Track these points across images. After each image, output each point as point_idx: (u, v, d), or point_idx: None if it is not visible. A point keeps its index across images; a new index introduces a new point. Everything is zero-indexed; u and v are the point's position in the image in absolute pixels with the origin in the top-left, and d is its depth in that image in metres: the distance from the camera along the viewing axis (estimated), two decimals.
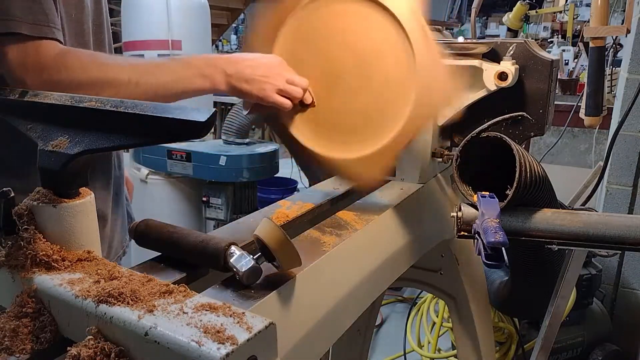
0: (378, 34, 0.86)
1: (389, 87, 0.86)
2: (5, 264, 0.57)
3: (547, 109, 0.97)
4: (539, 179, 0.85)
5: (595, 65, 1.73)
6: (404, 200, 0.97)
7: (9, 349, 0.51)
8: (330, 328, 0.74)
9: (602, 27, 1.67)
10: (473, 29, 1.80)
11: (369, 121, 0.88)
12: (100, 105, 0.55)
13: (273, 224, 0.59)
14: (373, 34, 0.87)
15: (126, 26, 2.93)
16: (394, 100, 0.86)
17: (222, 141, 2.97)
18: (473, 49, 0.96)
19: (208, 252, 0.61)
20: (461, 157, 0.90)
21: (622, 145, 2.20)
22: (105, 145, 0.55)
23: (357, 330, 1.49)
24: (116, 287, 0.50)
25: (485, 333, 1.43)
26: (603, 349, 2.18)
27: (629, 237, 0.83)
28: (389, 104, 0.86)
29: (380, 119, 0.87)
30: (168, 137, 0.53)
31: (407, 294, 3.14)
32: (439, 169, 1.15)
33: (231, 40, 9.22)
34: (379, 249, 0.88)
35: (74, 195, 0.59)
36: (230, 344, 0.43)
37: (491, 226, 0.74)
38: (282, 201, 0.93)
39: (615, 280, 2.37)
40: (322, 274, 0.71)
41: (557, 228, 0.85)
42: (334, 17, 0.90)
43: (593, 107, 1.74)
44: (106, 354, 0.46)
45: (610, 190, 2.28)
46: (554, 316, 1.12)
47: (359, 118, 0.89)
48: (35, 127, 0.60)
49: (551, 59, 0.96)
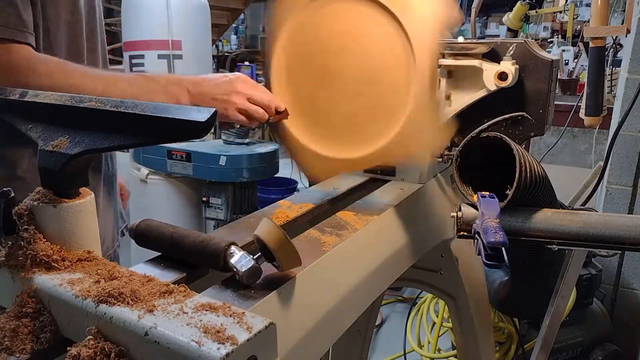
0: (378, 34, 0.86)
1: (389, 87, 0.86)
2: (5, 264, 0.57)
3: (547, 109, 0.96)
4: (539, 179, 0.85)
5: (595, 65, 1.73)
6: (404, 200, 0.97)
7: (9, 349, 0.51)
8: (330, 328, 0.74)
9: (602, 27, 1.67)
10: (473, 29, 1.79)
11: (369, 121, 0.88)
12: (100, 105, 0.55)
13: (273, 224, 0.59)
14: (373, 34, 0.87)
15: (126, 26, 2.92)
16: (393, 100, 0.86)
17: (222, 141, 2.97)
18: (473, 49, 0.96)
19: (208, 252, 0.61)
20: (461, 157, 0.90)
21: (622, 145, 2.20)
22: (105, 145, 0.55)
23: (357, 330, 1.49)
24: (116, 287, 0.50)
25: (485, 333, 1.43)
26: (603, 349, 2.18)
27: (629, 237, 0.83)
28: (389, 104, 0.86)
29: (380, 119, 0.87)
30: (168, 137, 0.53)
31: (407, 294, 3.14)
32: (439, 169, 1.15)
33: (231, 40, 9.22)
34: (379, 249, 0.88)
35: (74, 195, 0.59)
36: (230, 344, 0.43)
37: (491, 226, 0.74)
38: (282, 201, 0.93)
39: (615, 280, 2.37)
40: (322, 274, 0.71)
41: (557, 228, 0.85)
42: (335, 16, 0.90)
43: (593, 107, 1.74)
44: (106, 354, 0.46)
45: (610, 190, 2.28)
46: (554, 316, 1.12)
47: (359, 118, 0.89)
48: (35, 127, 0.60)
49: (551, 59, 0.96)
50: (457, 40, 1.02)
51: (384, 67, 0.87)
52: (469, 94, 0.97)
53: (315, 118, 0.95)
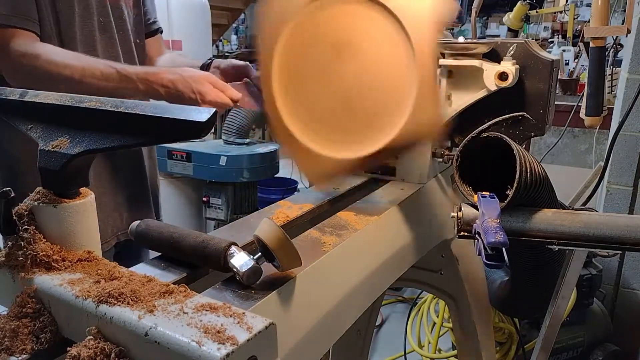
0: (379, 35, 0.86)
1: (389, 87, 0.86)
2: (5, 264, 0.57)
3: (548, 109, 0.96)
4: (540, 179, 0.85)
5: (596, 66, 1.73)
6: (404, 201, 0.97)
7: (9, 349, 0.51)
8: (331, 328, 0.74)
9: (602, 27, 1.67)
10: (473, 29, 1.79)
11: (369, 121, 0.88)
12: (100, 105, 0.55)
13: (273, 224, 0.59)
14: (374, 34, 0.87)
15: None
16: (393, 100, 0.86)
17: (222, 141, 2.97)
18: (473, 49, 0.96)
19: (208, 252, 0.61)
20: (462, 157, 0.90)
21: (622, 145, 2.20)
22: (105, 145, 0.55)
23: (357, 330, 1.48)
24: (116, 287, 0.50)
25: (485, 333, 1.43)
26: (603, 349, 2.18)
27: (629, 237, 0.83)
28: (389, 103, 0.86)
29: (380, 119, 0.87)
30: (168, 137, 0.53)
31: (408, 294, 3.14)
32: (439, 169, 1.15)
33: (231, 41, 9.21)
34: (380, 249, 0.88)
35: (74, 196, 0.58)
36: (230, 344, 0.43)
37: (491, 226, 0.74)
38: (282, 201, 0.93)
39: (615, 280, 2.37)
40: (322, 274, 0.71)
41: (557, 228, 0.85)
42: (335, 17, 0.90)
43: (593, 107, 1.74)
44: (106, 354, 0.46)
45: (610, 191, 2.28)
46: (555, 316, 1.12)
47: (359, 118, 0.89)
48: (35, 127, 0.60)
49: (551, 59, 0.96)
50: (457, 40, 1.02)
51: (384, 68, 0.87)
52: (469, 94, 0.97)
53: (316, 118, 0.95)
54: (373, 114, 0.88)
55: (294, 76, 0.96)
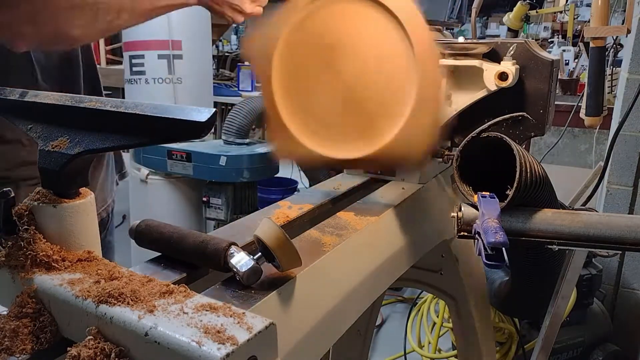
0: (379, 34, 0.86)
1: (389, 87, 0.86)
2: (5, 264, 0.57)
3: (548, 109, 0.96)
4: (540, 179, 0.85)
5: (596, 66, 1.73)
6: (404, 201, 0.97)
7: (9, 349, 0.51)
8: (331, 328, 0.74)
9: (602, 27, 1.67)
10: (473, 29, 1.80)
11: (369, 121, 0.88)
12: (100, 105, 0.55)
13: (273, 224, 0.59)
14: (374, 33, 0.87)
15: None
16: (394, 99, 0.86)
17: (222, 141, 2.97)
18: (473, 49, 0.96)
19: (208, 252, 0.61)
20: (461, 157, 0.90)
21: (622, 145, 2.20)
22: (105, 145, 0.55)
23: (357, 330, 1.48)
24: (116, 287, 0.50)
25: (485, 333, 1.43)
26: (603, 349, 2.18)
27: (629, 237, 0.83)
28: (389, 103, 0.86)
29: (381, 118, 0.87)
30: (168, 137, 0.53)
31: (408, 294, 3.14)
32: (439, 169, 1.15)
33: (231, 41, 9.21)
34: (380, 249, 0.88)
35: (74, 196, 0.58)
36: (230, 344, 0.43)
37: (491, 226, 0.74)
38: (282, 201, 0.93)
39: (615, 280, 2.37)
40: (322, 274, 0.71)
41: (557, 228, 0.85)
42: (335, 17, 0.90)
43: (593, 107, 1.74)
44: (106, 354, 0.46)
45: (610, 191, 2.28)
46: (555, 316, 1.12)
47: (359, 117, 0.89)
48: (35, 127, 0.59)
49: (551, 59, 0.96)
50: (457, 40, 1.02)
51: (384, 67, 0.87)
52: (469, 94, 0.97)
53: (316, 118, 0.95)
54: (373, 114, 0.88)
55: (294, 76, 0.96)
